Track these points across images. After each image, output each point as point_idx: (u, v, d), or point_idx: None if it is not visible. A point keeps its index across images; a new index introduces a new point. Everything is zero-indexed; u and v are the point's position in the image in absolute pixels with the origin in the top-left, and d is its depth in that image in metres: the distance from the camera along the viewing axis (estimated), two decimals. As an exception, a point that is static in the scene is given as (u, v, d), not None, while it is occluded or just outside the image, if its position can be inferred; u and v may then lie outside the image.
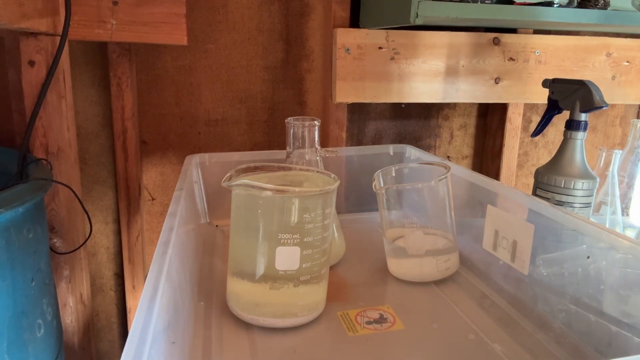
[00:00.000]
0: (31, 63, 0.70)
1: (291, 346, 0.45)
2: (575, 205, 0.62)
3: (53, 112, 0.72)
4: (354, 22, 0.91)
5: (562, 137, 0.65)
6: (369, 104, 1.03)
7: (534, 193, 0.67)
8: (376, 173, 0.59)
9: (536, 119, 1.15)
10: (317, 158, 0.61)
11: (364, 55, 0.90)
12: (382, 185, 0.59)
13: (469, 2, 0.74)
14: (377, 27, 0.88)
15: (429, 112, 1.08)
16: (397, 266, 0.59)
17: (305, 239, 0.45)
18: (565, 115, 0.65)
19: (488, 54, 0.97)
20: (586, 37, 1.02)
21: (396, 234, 0.59)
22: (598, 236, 0.45)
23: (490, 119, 1.11)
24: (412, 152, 0.84)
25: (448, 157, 1.11)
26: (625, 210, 0.76)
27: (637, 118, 1.11)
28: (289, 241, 0.45)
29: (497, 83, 0.99)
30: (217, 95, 0.95)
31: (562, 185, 0.62)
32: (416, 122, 1.08)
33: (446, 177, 0.57)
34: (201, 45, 0.92)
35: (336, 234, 0.62)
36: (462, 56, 0.96)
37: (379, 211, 0.60)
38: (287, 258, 0.45)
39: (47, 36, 0.70)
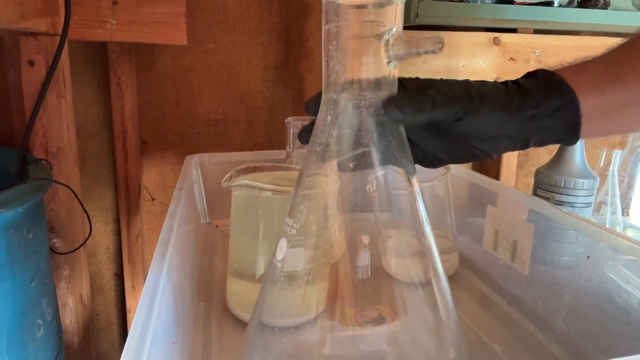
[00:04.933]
0: (31, 63, 0.70)
1: (291, 346, 0.45)
2: (575, 205, 0.62)
3: (53, 112, 0.72)
4: (354, 22, 0.91)
5: (562, 137, 0.65)
6: (369, 104, 1.02)
7: (534, 193, 0.67)
8: (370, 175, 0.59)
9: (536, 119, 1.14)
10: (317, 158, 0.61)
11: (364, 55, 0.90)
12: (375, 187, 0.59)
13: (469, 2, 0.74)
14: (377, 27, 0.88)
15: (429, 112, 1.08)
16: (393, 266, 0.58)
17: (306, 240, 0.45)
18: (566, 115, 0.65)
19: (488, 53, 0.97)
20: (586, 37, 1.02)
21: (391, 234, 0.59)
22: (598, 236, 0.45)
23: (490, 119, 1.11)
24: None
25: (448, 157, 1.11)
26: (625, 210, 0.76)
27: (637, 118, 1.10)
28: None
29: (497, 83, 0.99)
30: (217, 95, 0.95)
31: (563, 185, 0.62)
32: (416, 122, 1.08)
33: (446, 177, 0.57)
34: (201, 45, 0.92)
35: (337, 234, 0.62)
36: (462, 56, 0.96)
37: (374, 212, 0.60)
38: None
39: (47, 36, 0.70)
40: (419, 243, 0.34)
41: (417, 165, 0.38)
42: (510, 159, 1.09)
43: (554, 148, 1.18)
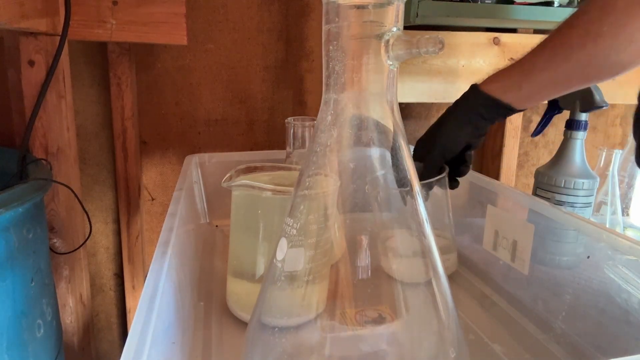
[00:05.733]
0: (31, 63, 0.70)
1: (291, 346, 0.45)
2: (575, 205, 0.62)
3: (53, 112, 0.72)
4: (354, 22, 0.91)
5: (562, 137, 0.65)
6: (369, 104, 1.02)
7: (534, 193, 0.67)
8: (370, 175, 0.59)
9: (536, 119, 1.15)
10: (317, 158, 0.61)
11: (364, 55, 0.90)
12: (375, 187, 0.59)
13: (469, 2, 0.74)
14: (377, 27, 0.88)
15: (428, 112, 1.08)
16: (392, 266, 0.58)
17: (306, 240, 0.45)
18: (565, 115, 0.65)
19: (488, 53, 0.97)
20: (586, 37, 1.02)
21: (391, 234, 0.59)
22: (598, 236, 0.45)
23: (490, 119, 1.11)
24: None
25: (448, 157, 1.11)
26: (625, 210, 0.76)
27: (637, 118, 1.10)
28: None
29: (497, 83, 0.99)
30: (217, 95, 0.95)
31: (563, 185, 0.62)
32: (416, 122, 1.08)
33: (444, 177, 0.57)
34: (201, 45, 0.92)
35: (337, 234, 0.62)
36: (462, 56, 0.96)
37: (373, 212, 0.60)
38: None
39: (47, 36, 0.70)
40: (419, 243, 0.34)
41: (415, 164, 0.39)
42: (510, 159, 1.09)
43: (554, 148, 1.18)
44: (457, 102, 0.55)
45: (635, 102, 0.55)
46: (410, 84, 0.94)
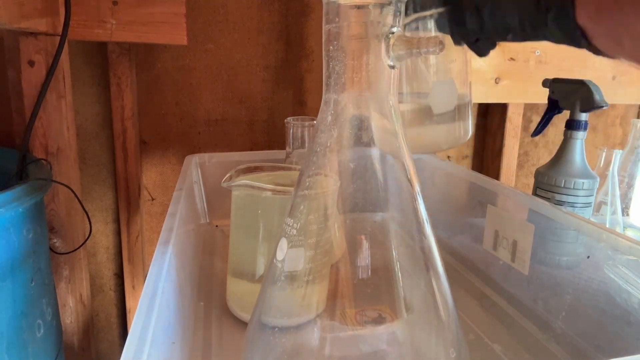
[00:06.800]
0: (31, 63, 0.70)
1: (291, 346, 0.45)
2: (575, 205, 0.62)
3: (53, 112, 0.72)
4: (354, 22, 0.91)
5: (562, 137, 0.65)
6: (369, 104, 1.02)
7: (534, 193, 0.67)
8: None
9: (536, 119, 1.15)
10: (317, 158, 0.61)
11: (364, 55, 0.90)
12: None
13: (469, 2, 0.74)
14: (377, 27, 0.88)
15: (429, 112, 1.08)
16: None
17: (306, 240, 0.45)
18: (566, 115, 0.65)
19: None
20: (586, 37, 1.02)
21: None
22: (598, 236, 0.45)
23: (490, 118, 1.11)
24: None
25: (448, 157, 1.11)
26: (625, 210, 0.76)
27: (637, 118, 1.11)
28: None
29: (497, 83, 0.99)
30: (217, 95, 0.95)
31: (563, 185, 0.62)
32: (416, 122, 1.08)
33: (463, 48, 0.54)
34: (201, 45, 0.92)
35: (337, 234, 0.62)
36: (462, 56, 0.96)
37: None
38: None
39: (47, 36, 0.70)
40: (419, 241, 0.34)
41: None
42: (510, 159, 1.09)
43: (554, 148, 1.18)
44: None
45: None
46: (410, 84, 0.94)
